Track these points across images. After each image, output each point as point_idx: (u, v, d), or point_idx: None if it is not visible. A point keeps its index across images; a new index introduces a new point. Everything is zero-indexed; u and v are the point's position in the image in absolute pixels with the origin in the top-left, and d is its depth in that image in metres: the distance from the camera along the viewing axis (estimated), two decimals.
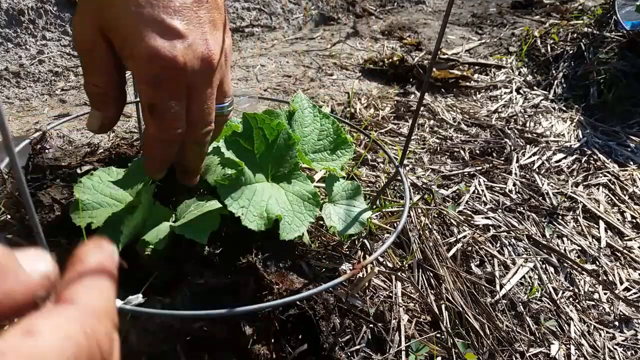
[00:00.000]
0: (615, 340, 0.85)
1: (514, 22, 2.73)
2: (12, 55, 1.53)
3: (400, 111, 1.56)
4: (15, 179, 0.78)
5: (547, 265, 0.99)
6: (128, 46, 0.50)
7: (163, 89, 0.52)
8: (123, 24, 0.49)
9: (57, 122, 0.88)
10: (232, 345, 0.59)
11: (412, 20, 2.69)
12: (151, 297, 0.59)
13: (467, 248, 0.98)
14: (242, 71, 1.81)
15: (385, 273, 0.85)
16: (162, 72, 0.50)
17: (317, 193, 0.68)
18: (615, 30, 1.99)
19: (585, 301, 0.92)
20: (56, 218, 0.72)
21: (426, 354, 0.72)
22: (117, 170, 0.74)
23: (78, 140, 1.19)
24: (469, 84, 1.86)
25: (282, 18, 2.35)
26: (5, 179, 0.81)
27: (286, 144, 0.69)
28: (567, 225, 1.11)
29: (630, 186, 1.29)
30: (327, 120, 0.84)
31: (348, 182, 0.81)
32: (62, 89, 1.50)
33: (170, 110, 0.53)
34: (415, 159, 1.31)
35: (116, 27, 0.50)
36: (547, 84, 1.90)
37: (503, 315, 0.84)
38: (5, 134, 0.27)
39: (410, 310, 0.80)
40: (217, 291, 0.61)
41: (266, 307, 0.56)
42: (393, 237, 0.68)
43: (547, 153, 1.41)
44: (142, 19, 0.49)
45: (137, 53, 0.50)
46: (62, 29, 1.69)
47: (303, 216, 0.65)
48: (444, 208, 1.07)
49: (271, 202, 0.62)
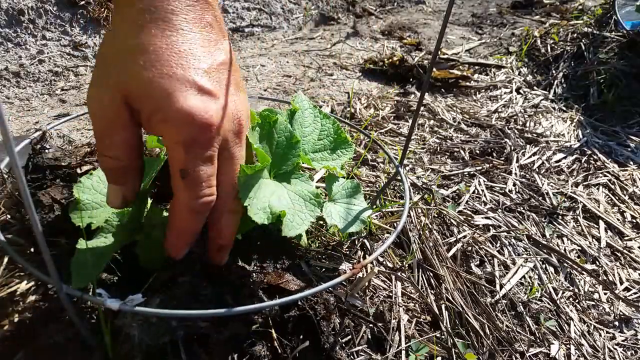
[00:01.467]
0: (615, 340, 0.85)
1: (514, 22, 2.73)
2: (12, 55, 1.53)
3: (400, 111, 1.56)
4: (16, 178, 0.78)
5: (547, 265, 0.99)
6: (161, 110, 0.48)
7: (196, 151, 0.49)
8: (154, 88, 0.48)
9: (57, 122, 0.87)
10: (232, 345, 0.59)
11: (412, 20, 2.69)
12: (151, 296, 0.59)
13: (467, 248, 0.98)
14: (242, 71, 1.81)
15: (385, 273, 0.85)
16: (197, 133, 0.49)
17: (319, 194, 0.68)
18: (615, 30, 1.99)
19: (585, 301, 0.92)
20: (56, 218, 0.72)
21: (426, 354, 0.72)
22: None
23: (78, 140, 1.19)
24: (469, 84, 1.86)
25: (282, 18, 2.35)
26: (5, 179, 0.81)
27: (288, 142, 0.69)
28: (567, 225, 1.11)
29: (630, 186, 1.29)
30: (328, 120, 0.84)
31: (348, 180, 0.81)
32: (62, 88, 1.50)
33: (203, 175, 0.50)
34: (415, 159, 1.31)
35: (146, 94, 0.48)
36: (547, 84, 1.90)
37: (503, 315, 0.84)
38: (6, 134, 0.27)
39: (410, 310, 0.80)
40: (217, 291, 0.61)
41: (266, 306, 0.56)
42: (393, 237, 0.68)
43: (547, 153, 1.41)
44: (174, 81, 0.48)
45: (172, 116, 0.48)
46: (62, 28, 1.69)
47: (304, 215, 0.65)
48: (444, 208, 1.07)
49: (273, 198, 0.62)
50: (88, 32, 1.75)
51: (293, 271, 0.71)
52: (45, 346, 0.58)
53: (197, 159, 0.50)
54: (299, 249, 0.81)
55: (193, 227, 0.54)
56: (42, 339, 0.59)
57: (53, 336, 0.58)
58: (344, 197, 0.79)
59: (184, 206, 0.52)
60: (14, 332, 0.60)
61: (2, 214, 0.76)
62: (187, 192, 0.51)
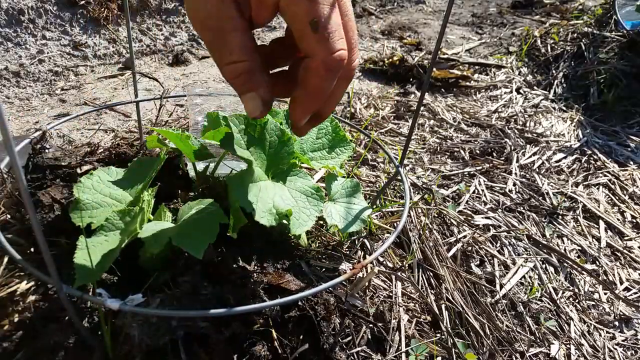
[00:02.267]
0: (615, 340, 0.85)
1: (514, 22, 2.74)
2: (12, 55, 1.53)
3: (400, 111, 1.56)
4: (16, 178, 0.78)
5: (547, 265, 0.99)
6: None
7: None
8: None
9: (57, 121, 0.87)
10: (232, 345, 0.59)
11: (412, 20, 2.69)
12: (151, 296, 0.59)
13: (467, 248, 0.97)
14: None
15: (385, 273, 0.85)
16: None
17: (319, 188, 0.68)
18: (616, 30, 1.99)
19: (585, 301, 0.92)
20: (56, 218, 0.72)
21: (426, 354, 0.72)
22: (116, 170, 0.74)
23: (78, 140, 1.19)
24: (469, 83, 1.86)
25: (275, 21, 2.35)
26: (5, 179, 0.80)
27: (280, 140, 0.69)
28: (567, 225, 1.11)
29: (630, 186, 1.29)
30: None
31: (347, 180, 0.81)
32: (62, 88, 1.50)
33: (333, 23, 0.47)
34: (415, 159, 1.31)
35: None
36: (547, 84, 1.90)
37: (503, 315, 0.84)
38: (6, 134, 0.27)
39: (410, 310, 0.80)
40: (218, 291, 0.61)
41: (266, 306, 0.56)
42: (393, 237, 0.68)
43: (547, 153, 1.41)
44: None
45: None
46: (62, 28, 1.69)
47: (309, 211, 0.65)
48: (444, 208, 1.07)
49: (276, 199, 0.62)
50: (88, 31, 1.75)
51: (293, 271, 0.71)
52: (45, 346, 0.58)
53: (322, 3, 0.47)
54: (299, 249, 0.81)
55: (326, 88, 0.51)
56: (42, 339, 0.59)
57: (53, 336, 0.58)
58: (344, 197, 0.79)
59: (320, 63, 0.49)
60: (14, 332, 0.60)
61: (2, 214, 0.76)
62: (321, 46, 0.48)
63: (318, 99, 0.52)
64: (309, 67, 0.50)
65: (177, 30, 2.01)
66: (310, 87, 0.51)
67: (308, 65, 0.50)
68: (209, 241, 0.59)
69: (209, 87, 1.64)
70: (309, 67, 0.50)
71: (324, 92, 0.51)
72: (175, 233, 0.60)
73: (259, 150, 0.67)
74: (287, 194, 0.65)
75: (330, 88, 0.51)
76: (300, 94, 0.52)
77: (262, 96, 0.51)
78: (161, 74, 1.72)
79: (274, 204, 0.61)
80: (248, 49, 0.49)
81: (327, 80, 0.50)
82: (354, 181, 0.81)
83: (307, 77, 0.50)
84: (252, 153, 0.66)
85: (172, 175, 0.83)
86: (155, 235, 0.60)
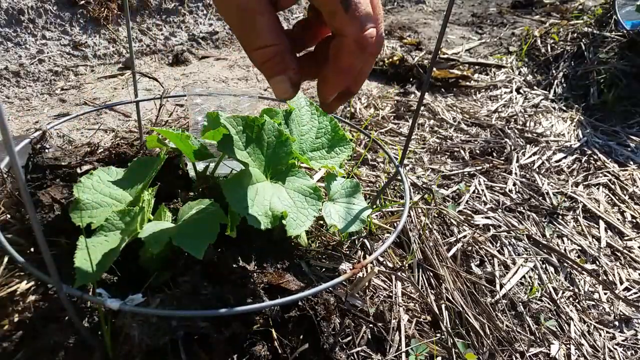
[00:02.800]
0: (615, 340, 0.85)
1: (514, 22, 2.74)
2: (12, 55, 1.53)
3: (400, 111, 1.56)
4: (16, 178, 0.78)
5: (547, 265, 0.99)
6: None
7: None
8: None
9: (57, 121, 0.87)
10: (232, 345, 0.59)
11: (412, 20, 2.69)
12: (151, 296, 0.59)
13: (467, 248, 0.97)
14: (242, 71, 1.81)
15: (385, 273, 0.85)
16: None
17: (317, 187, 0.68)
18: (616, 30, 1.99)
19: (585, 301, 0.92)
20: (56, 218, 0.72)
21: (426, 354, 0.72)
22: (116, 170, 0.74)
23: (78, 139, 1.19)
24: (469, 83, 1.86)
25: (282, 17, 2.34)
26: (5, 179, 0.80)
27: (278, 140, 0.69)
28: (567, 225, 1.11)
29: (630, 186, 1.29)
30: (325, 118, 0.84)
31: (347, 180, 0.81)
32: (62, 88, 1.50)
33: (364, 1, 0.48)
34: (415, 159, 1.31)
35: None
36: (547, 84, 1.90)
37: (503, 315, 0.84)
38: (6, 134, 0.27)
39: (410, 310, 0.80)
40: (218, 291, 0.61)
41: (265, 306, 0.56)
42: (393, 237, 0.68)
43: (547, 153, 1.41)
44: None
45: None
46: (61, 28, 1.69)
47: (307, 211, 0.65)
48: (444, 208, 1.07)
49: (274, 200, 0.62)
50: (88, 31, 1.74)
51: (293, 271, 0.71)
52: (45, 346, 0.58)
53: None
54: (299, 249, 0.81)
55: (357, 65, 0.51)
56: (42, 339, 0.59)
57: (53, 336, 0.58)
58: (344, 197, 0.79)
59: (352, 41, 0.49)
60: (13, 332, 0.60)
61: (2, 214, 0.76)
62: (353, 24, 0.48)
63: (349, 76, 0.52)
64: (341, 45, 0.50)
65: (177, 30, 2.01)
66: (342, 65, 0.51)
67: (340, 44, 0.50)
68: (209, 241, 0.59)
69: (209, 87, 1.64)
70: (341, 46, 0.50)
71: (355, 69, 0.52)
72: (175, 233, 0.59)
73: (257, 151, 0.67)
74: (284, 194, 0.65)
75: (360, 65, 0.52)
76: (331, 72, 0.53)
77: (291, 78, 0.51)
78: (161, 73, 1.72)
79: (271, 205, 0.61)
80: (276, 32, 0.49)
81: (359, 57, 0.50)
82: (354, 181, 0.81)
83: (339, 56, 0.51)
84: (250, 154, 0.66)
85: (172, 175, 0.83)
86: (155, 235, 0.60)
